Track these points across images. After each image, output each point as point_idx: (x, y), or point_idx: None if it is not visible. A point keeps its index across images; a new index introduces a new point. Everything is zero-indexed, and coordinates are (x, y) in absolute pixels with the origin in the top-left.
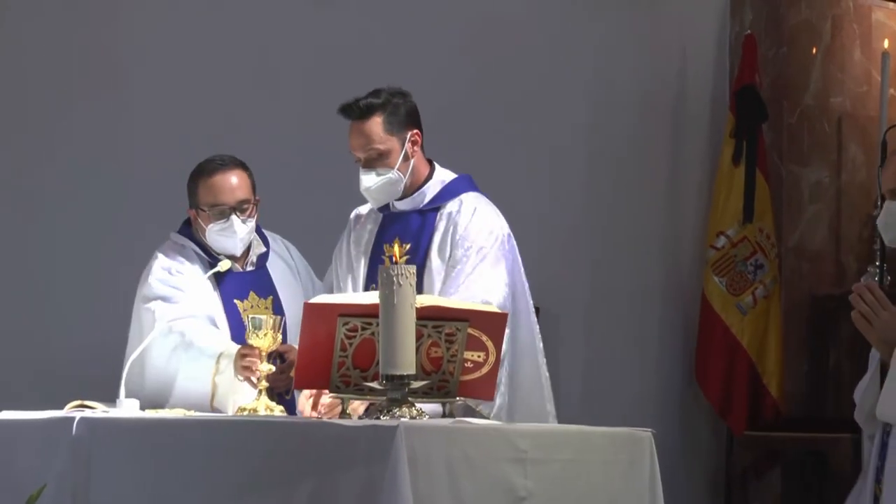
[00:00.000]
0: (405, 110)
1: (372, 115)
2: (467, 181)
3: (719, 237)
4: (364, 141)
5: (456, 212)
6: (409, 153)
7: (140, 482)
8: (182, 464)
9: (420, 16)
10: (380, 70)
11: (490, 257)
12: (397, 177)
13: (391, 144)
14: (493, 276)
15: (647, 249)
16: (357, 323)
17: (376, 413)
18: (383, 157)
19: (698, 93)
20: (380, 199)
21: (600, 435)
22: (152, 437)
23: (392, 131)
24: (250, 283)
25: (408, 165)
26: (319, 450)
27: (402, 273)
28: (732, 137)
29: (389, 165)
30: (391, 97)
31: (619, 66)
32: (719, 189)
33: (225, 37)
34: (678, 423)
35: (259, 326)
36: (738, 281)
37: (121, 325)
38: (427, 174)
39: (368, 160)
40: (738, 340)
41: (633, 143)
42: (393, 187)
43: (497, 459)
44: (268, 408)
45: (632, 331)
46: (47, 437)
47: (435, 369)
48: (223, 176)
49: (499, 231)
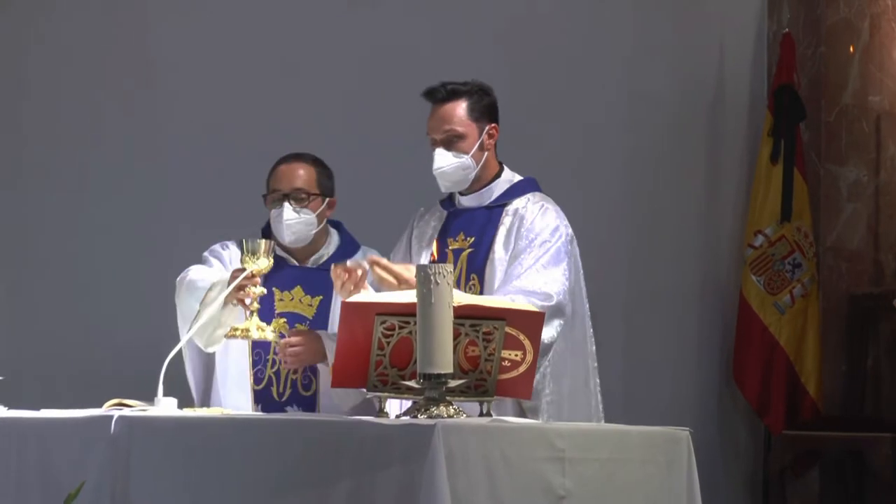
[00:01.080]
0: (488, 103)
1: (456, 99)
2: (534, 183)
3: (757, 236)
4: (444, 122)
5: (522, 207)
6: (484, 144)
7: (178, 480)
8: (219, 462)
9: (454, 13)
10: (413, 67)
11: (552, 251)
12: (470, 163)
13: (470, 130)
14: (555, 270)
15: (684, 249)
16: (394, 322)
17: (414, 412)
18: (460, 140)
19: (736, 91)
20: (450, 181)
21: (638, 434)
22: (190, 435)
23: (473, 118)
24: (300, 278)
25: (481, 156)
26: (357, 448)
27: (440, 272)
28: (770, 136)
29: (464, 150)
30: (476, 87)
31: (657, 64)
32: (757, 188)
33: (257, 36)
34: (716, 423)
35: (254, 251)
36: (776, 280)
37: (162, 323)
38: (496, 172)
39: (445, 141)
40: (776, 339)
41: (670, 141)
42: (464, 173)
43: (535, 458)
44: (259, 328)
45: (669, 330)
46: (86, 436)
47: (472, 368)
48: (287, 165)
49: (564, 230)
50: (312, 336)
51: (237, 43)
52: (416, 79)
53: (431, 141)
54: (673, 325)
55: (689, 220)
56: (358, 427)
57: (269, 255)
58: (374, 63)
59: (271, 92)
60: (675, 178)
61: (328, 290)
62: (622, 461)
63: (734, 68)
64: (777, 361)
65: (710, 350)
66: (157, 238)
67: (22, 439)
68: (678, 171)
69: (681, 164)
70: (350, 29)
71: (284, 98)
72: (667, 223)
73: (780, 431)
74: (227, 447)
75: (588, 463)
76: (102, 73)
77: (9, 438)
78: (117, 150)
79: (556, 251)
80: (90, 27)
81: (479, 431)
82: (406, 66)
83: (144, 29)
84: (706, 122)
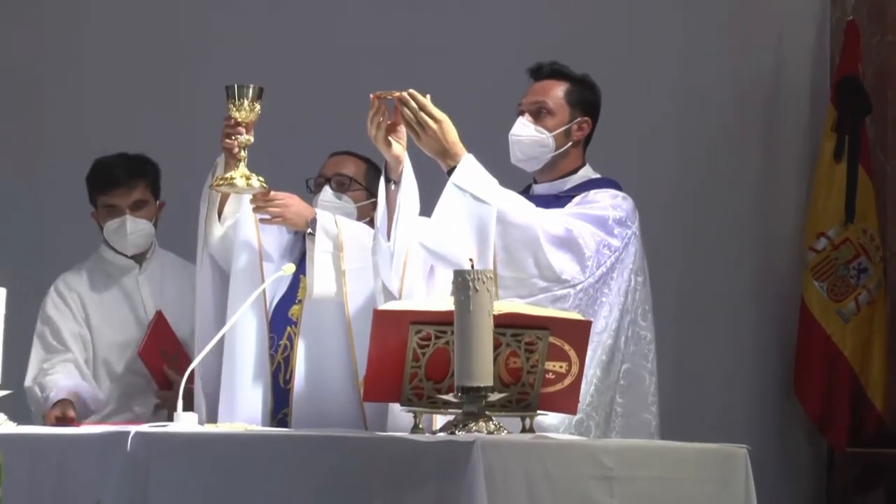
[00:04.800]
0: (590, 97)
1: (558, 79)
2: (615, 183)
3: (819, 239)
4: (537, 94)
5: (594, 193)
6: (572, 132)
7: (198, 501)
8: (243, 481)
9: (499, 14)
10: (458, 53)
11: (596, 210)
12: (549, 142)
13: (561, 111)
14: (586, 219)
15: (740, 252)
16: (430, 331)
17: (451, 428)
18: (547, 115)
19: (796, 84)
20: (522, 154)
21: (691, 451)
22: (211, 452)
23: (568, 102)
24: None
25: (564, 143)
26: (390, 466)
27: (479, 277)
28: (833, 131)
29: (548, 128)
30: (582, 77)
31: (711, 55)
32: (819, 187)
33: (294, 24)
34: (774, 439)
35: (239, 96)
36: (839, 286)
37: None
38: (577, 167)
39: (532, 112)
40: (840, 350)
41: (725, 137)
42: (540, 150)
43: (580, 477)
44: (244, 176)
45: (724, 339)
46: (101, 453)
47: (514, 381)
48: (337, 155)
49: (624, 215)
50: (302, 199)
51: (270, 33)
52: (460, 60)
53: (519, 112)
54: (728, 335)
55: (745, 222)
56: (391, 443)
57: (255, 102)
58: (420, 44)
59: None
60: (730, 177)
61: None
62: (674, 480)
63: (794, 58)
64: (840, 373)
65: (768, 361)
66: (185, 239)
67: (34, 456)
68: (734, 170)
69: (736, 162)
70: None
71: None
72: (721, 225)
73: (843, 448)
74: (251, 464)
75: (637, 482)
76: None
77: (20, 456)
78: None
79: (602, 213)
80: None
81: (521, 448)
82: (451, 49)
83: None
84: (763, 117)
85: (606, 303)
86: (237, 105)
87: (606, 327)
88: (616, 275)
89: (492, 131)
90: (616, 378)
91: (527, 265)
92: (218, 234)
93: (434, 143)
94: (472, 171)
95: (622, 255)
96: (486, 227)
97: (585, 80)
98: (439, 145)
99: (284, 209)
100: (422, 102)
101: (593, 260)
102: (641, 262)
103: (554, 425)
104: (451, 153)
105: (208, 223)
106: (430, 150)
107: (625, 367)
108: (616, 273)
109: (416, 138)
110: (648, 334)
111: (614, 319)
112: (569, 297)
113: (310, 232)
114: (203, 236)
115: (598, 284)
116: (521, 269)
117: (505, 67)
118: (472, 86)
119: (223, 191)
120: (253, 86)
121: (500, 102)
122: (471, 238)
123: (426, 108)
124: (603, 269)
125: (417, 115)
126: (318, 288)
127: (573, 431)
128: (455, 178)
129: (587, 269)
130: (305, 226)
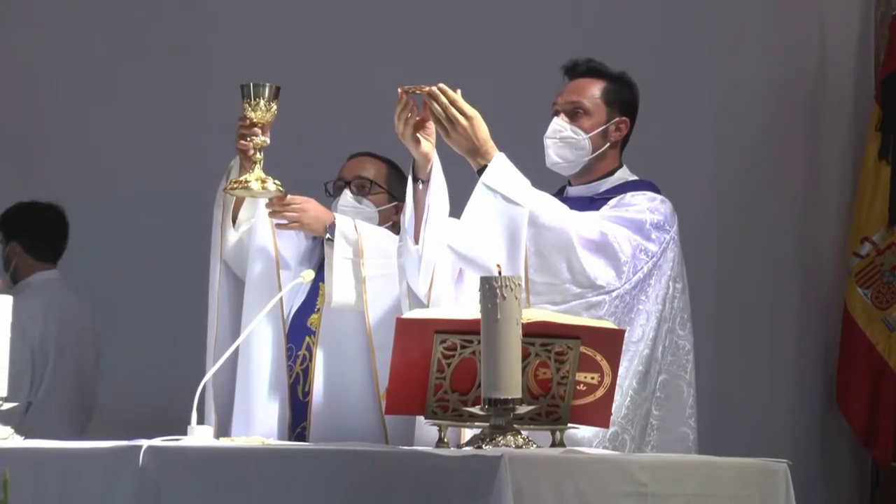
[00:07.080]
0: (628, 96)
1: (595, 77)
2: (653, 185)
3: (864, 244)
4: (573, 94)
5: (631, 196)
6: (609, 133)
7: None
8: (260, 498)
9: (536, 6)
10: (492, 44)
11: (633, 213)
12: (586, 143)
13: (597, 111)
14: (622, 222)
15: (781, 257)
16: (456, 341)
17: (478, 442)
18: (584, 115)
19: (839, 81)
20: (558, 156)
21: (729, 467)
22: (226, 467)
23: (605, 101)
24: None
25: (601, 144)
26: (414, 482)
27: (507, 284)
28: (878, 131)
29: (585, 129)
30: (620, 75)
31: (751, 51)
32: (864, 189)
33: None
34: (816, 454)
35: (255, 96)
36: (884, 293)
37: (189, 348)
38: (613, 169)
39: (568, 112)
40: (885, 360)
41: (765, 137)
42: (575, 153)
43: (613, 493)
44: (259, 179)
45: (764, 349)
46: (111, 468)
47: (543, 392)
48: (357, 158)
49: (662, 218)
50: (319, 203)
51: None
52: (495, 52)
53: (554, 112)
54: (768, 344)
55: (786, 226)
56: (414, 458)
57: (272, 101)
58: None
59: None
60: (770, 179)
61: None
62: (711, 497)
63: (837, 54)
64: (886, 384)
65: (809, 372)
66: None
67: (40, 471)
68: (774, 171)
69: (777, 163)
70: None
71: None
72: (761, 229)
73: (888, 463)
74: (268, 480)
75: (673, 499)
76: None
77: (25, 470)
78: None
79: (639, 217)
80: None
81: (551, 464)
82: (483, 41)
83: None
84: (805, 116)
85: (643, 310)
86: (252, 105)
87: (643, 336)
88: (653, 281)
89: (524, 129)
90: (653, 389)
91: (560, 270)
92: (232, 240)
93: (464, 140)
94: (503, 170)
95: (660, 261)
96: (517, 229)
97: (623, 78)
98: (469, 143)
99: (302, 214)
100: (452, 97)
101: (629, 265)
102: (680, 268)
103: (587, 438)
104: (481, 151)
105: (222, 229)
106: (460, 148)
107: (662, 378)
108: (653, 279)
109: (445, 135)
110: (687, 344)
111: (651, 328)
112: (604, 303)
113: (328, 237)
114: (217, 243)
115: (635, 291)
116: (554, 275)
117: (538, 61)
118: (504, 81)
119: (238, 194)
120: (269, 84)
121: (532, 99)
122: (501, 241)
123: (457, 103)
124: (640, 275)
125: (447, 111)
126: (338, 296)
127: (607, 445)
128: (485, 177)
129: (623, 275)
130: (324, 231)
